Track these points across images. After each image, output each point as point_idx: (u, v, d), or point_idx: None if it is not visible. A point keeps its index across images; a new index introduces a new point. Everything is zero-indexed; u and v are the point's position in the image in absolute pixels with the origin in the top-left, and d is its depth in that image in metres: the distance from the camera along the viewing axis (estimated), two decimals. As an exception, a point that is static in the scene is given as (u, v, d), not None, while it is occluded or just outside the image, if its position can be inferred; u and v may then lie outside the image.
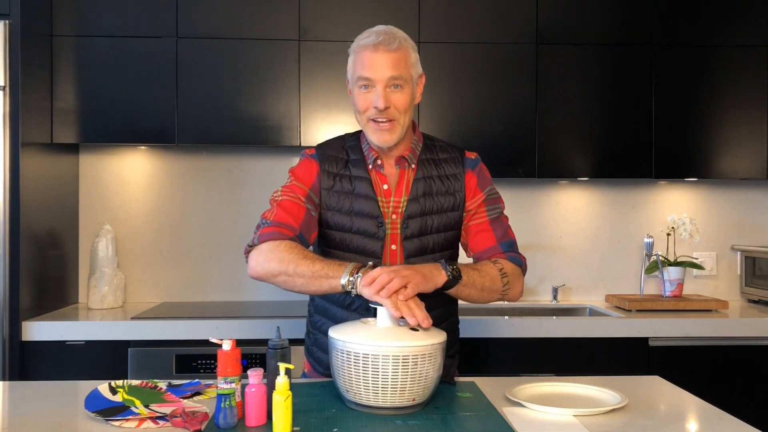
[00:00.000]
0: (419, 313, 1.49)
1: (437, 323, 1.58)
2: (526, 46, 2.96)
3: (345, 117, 2.89)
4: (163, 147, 3.14)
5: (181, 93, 2.85)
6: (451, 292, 1.66)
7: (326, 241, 1.81)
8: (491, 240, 1.82)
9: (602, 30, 2.99)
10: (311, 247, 1.80)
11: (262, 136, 2.89)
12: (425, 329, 1.49)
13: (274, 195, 1.78)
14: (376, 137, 1.74)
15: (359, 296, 1.57)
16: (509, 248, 1.83)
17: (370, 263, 1.61)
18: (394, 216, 1.78)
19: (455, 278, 1.63)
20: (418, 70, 1.77)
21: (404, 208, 1.78)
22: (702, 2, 3.00)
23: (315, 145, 1.90)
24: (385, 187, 1.79)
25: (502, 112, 2.95)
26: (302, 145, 2.89)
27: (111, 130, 2.85)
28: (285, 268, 1.63)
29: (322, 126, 2.89)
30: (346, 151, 1.83)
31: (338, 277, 1.58)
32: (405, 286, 1.51)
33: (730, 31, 3.01)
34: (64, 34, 2.83)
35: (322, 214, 1.80)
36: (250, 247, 1.71)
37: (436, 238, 1.80)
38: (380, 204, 1.77)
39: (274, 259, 1.65)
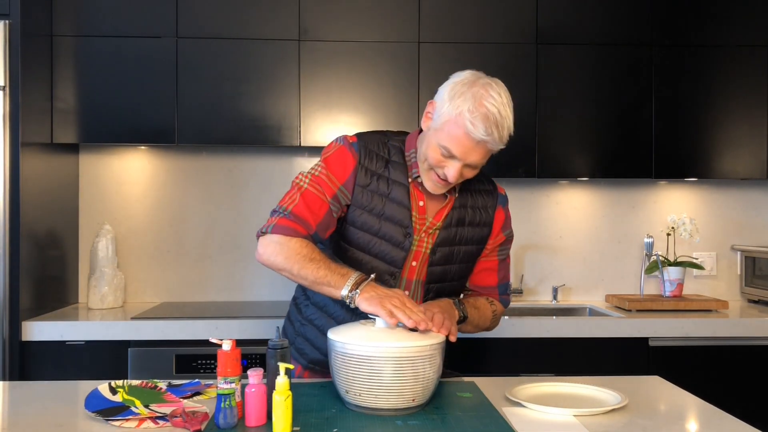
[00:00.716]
0: (418, 316, 1.50)
1: None
2: (526, 46, 2.96)
3: (345, 117, 2.89)
4: (163, 147, 3.13)
5: (181, 93, 2.85)
6: None
7: (347, 239, 1.74)
8: (493, 280, 1.89)
9: (602, 30, 2.98)
10: (326, 241, 1.77)
11: (262, 136, 2.88)
12: (424, 331, 1.50)
13: (300, 179, 1.71)
14: (429, 186, 1.70)
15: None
16: (504, 291, 1.92)
17: (372, 276, 1.60)
18: (423, 234, 1.74)
19: (464, 318, 1.73)
20: None
21: (437, 233, 1.74)
22: (702, 2, 3.00)
23: (355, 133, 1.80)
24: (421, 203, 1.73)
25: (502, 112, 2.94)
26: (302, 145, 2.89)
27: (111, 130, 2.85)
28: (290, 267, 1.63)
29: (322, 126, 2.89)
30: (388, 150, 1.74)
31: (339, 288, 1.58)
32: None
33: (730, 31, 3.01)
34: (64, 34, 2.82)
35: (350, 210, 1.72)
36: (263, 233, 1.68)
37: (458, 267, 1.80)
38: (413, 217, 1.72)
39: (281, 255, 1.64)
